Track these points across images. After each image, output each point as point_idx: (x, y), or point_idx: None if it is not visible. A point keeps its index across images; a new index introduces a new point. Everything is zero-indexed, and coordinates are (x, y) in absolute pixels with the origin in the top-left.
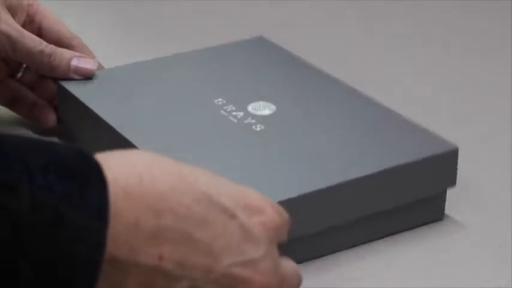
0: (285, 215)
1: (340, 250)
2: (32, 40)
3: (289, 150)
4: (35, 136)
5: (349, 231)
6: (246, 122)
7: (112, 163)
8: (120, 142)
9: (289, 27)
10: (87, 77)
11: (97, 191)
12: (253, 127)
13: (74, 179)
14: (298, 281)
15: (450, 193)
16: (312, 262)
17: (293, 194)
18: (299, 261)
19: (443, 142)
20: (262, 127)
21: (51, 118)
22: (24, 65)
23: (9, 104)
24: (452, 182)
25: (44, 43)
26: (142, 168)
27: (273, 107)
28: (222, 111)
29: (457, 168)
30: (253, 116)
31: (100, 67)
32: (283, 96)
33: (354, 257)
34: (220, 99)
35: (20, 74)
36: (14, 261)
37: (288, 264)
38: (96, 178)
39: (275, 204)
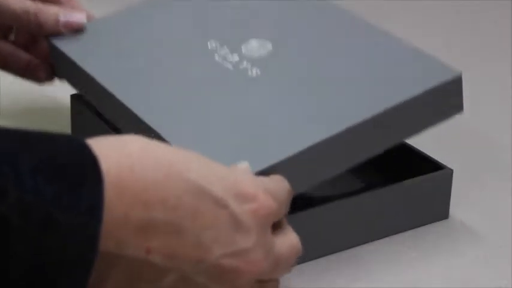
0: (281, 196)
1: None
2: (15, 1)
3: (287, 97)
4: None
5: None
6: (241, 67)
7: (104, 152)
8: (112, 100)
9: None
10: (77, 30)
11: (91, 188)
12: (249, 72)
13: (66, 178)
14: (296, 255)
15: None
16: (312, 262)
17: (296, 149)
18: (303, 260)
19: (446, 69)
20: (258, 72)
21: (45, 75)
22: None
23: (4, 66)
24: (459, 108)
25: (28, 2)
26: (135, 158)
27: (269, 46)
28: (216, 57)
29: (462, 94)
30: (249, 59)
31: (90, 18)
32: (279, 32)
33: (354, 257)
34: (213, 42)
35: (12, 36)
36: (3, 263)
37: (283, 243)
38: (92, 174)
39: (270, 186)
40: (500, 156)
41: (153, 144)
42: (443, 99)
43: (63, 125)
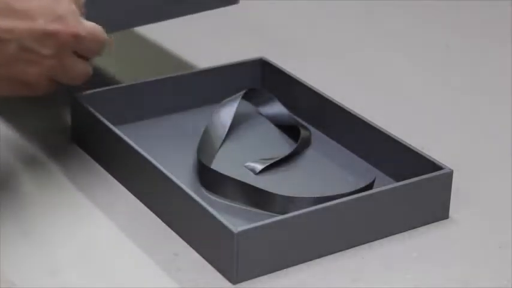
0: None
1: None
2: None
3: None
4: None
5: None
6: None
7: None
8: None
9: (290, 27)
10: None
11: None
12: None
13: None
14: (101, 36)
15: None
16: (312, 262)
17: None
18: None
19: None
20: None
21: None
22: None
23: None
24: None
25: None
26: None
27: None
28: None
29: None
30: None
31: None
32: None
33: (354, 257)
34: None
35: None
36: None
37: (88, 24)
38: None
39: None
40: (501, 156)
41: None
42: None
43: (63, 125)
